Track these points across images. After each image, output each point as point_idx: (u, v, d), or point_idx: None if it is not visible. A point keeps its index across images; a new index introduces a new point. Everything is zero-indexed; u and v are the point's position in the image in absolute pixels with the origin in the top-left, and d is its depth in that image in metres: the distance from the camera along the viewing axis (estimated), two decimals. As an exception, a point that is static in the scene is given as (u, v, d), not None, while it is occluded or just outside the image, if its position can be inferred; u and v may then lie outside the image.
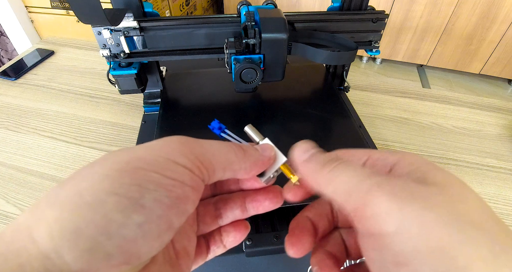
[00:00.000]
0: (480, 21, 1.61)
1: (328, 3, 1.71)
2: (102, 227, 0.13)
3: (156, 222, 0.15)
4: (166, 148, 0.17)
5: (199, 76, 0.59)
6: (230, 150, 0.19)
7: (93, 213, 0.14)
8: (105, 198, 0.14)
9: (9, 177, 0.52)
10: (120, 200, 0.14)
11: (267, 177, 0.21)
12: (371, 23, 0.49)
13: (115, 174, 0.15)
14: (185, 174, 0.16)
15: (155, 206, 0.15)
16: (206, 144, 0.18)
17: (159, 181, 0.15)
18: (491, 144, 0.60)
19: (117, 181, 0.15)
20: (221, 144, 0.19)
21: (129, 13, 0.43)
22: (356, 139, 0.46)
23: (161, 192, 0.15)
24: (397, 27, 1.74)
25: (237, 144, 0.20)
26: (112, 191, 0.14)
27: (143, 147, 0.17)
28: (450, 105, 0.68)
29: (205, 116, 0.50)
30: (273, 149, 0.21)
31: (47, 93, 0.69)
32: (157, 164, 0.16)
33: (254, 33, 0.41)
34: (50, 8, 1.42)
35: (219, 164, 0.18)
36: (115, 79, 0.49)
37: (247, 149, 0.20)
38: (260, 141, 0.22)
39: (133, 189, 0.14)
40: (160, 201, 0.15)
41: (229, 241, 0.22)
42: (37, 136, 0.59)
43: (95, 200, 0.14)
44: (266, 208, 0.22)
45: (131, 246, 0.14)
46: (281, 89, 0.55)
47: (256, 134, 0.22)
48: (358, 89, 0.71)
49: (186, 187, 0.16)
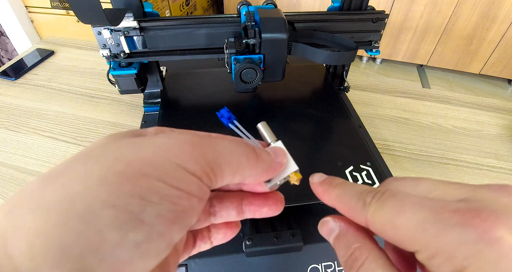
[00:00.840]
0: (480, 21, 1.61)
1: (328, 3, 1.71)
2: (94, 245, 0.11)
3: (156, 240, 0.13)
4: (176, 149, 0.14)
5: (199, 76, 0.59)
6: (243, 153, 0.16)
7: (85, 227, 0.11)
8: (101, 209, 0.12)
9: (9, 177, 0.52)
10: (117, 214, 0.12)
11: (273, 184, 0.19)
12: (371, 23, 0.49)
13: (114, 179, 0.13)
14: (193, 183, 0.14)
15: (157, 222, 0.13)
16: (219, 145, 0.16)
17: (164, 192, 0.13)
18: (491, 144, 0.60)
19: (116, 189, 0.12)
20: (234, 145, 0.16)
21: (129, 13, 0.43)
22: (356, 139, 0.46)
23: (165, 205, 0.13)
24: (397, 27, 1.74)
25: (250, 145, 0.18)
26: (110, 202, 0.12)
27: (150, 143, 0.15)
28: (450, 105, 0.68)
29: (205, 116, 0.50)
30: (286, 155, 0.19)
31: (47, 93, 0.69)
32: (163, 169, 0.14)
33: (254, 33, 0.41)
34: (50, 8, 1.42)
35: (230, 170, 0.16)
36: (115, 79, 0.49)
37: (260, 153, 0.18)
38: (273, 142, 0.20)
39: (134, 202, 0.12)
40: (163, 216, 0.13)
41: (218, 238, 0.21)
42: (37, 136, 0.59)
43: (89, 211, 0.12)
44: (263, 215, 0.20)
45: (126, 268, 0.12)
46: (281, 89, 0.55)
47: (269, 134, 0.20)
48: (358, 89, 0.71)
49: (193, 198, 0.14)
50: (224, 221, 0.20)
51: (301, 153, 0.44)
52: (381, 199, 0.15)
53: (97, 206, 0.12)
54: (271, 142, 0.20)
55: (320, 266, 0.37)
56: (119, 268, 0.12)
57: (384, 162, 0.46)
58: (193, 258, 0.36)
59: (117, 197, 0.12)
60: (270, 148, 0.20)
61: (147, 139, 0.15)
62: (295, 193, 0.36)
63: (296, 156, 0.20)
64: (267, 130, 0.20)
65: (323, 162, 0.43)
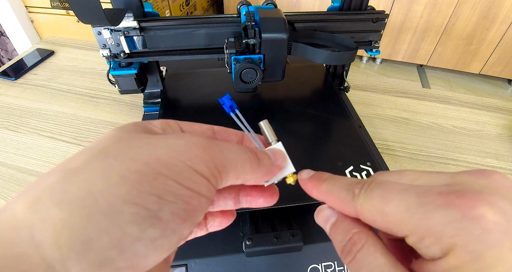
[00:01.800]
0: (480, 21, 1.61)
1: (328, 3, 1.71)
2: (115, 239, 0.12)
3: (170, 236, 0.14)
4: (188, 152, 0.15)
5: (199, 76, 0.59)
6: (247, 159, 0.18)
7: (107, 223, 0.12)
8: (122, 206, 0.13)
9: (9, 177, 0.52)
10: (138, 211, 0.13)
11: (270, 183, 0.20)
12: (371, 23, 0.49)
13: (134, 178, 0.13)
14: (203, 184, 0.15)
15: (171, 220, 0.14)
16: (226, 150, 0.17)
17: (178, 192, 0.14)
18: (491, 144, 0.60)
19: (136, 187, 0.13)
20: (239, 151, 0.18)
21: (129, 13, 0.43)
22: (356, 139, 0.46)
23: (179, 204, 0.14)
24: (397, 27, 1.74)
25: (253, 151, 0.18)
26: (130, 200, 0.13)
27: (164, 144, 0.15)
28: (450, 105, 0.68)
29: (205, 116, 0.50)
30: (285, 158, 0.20)
31: (47, 93, 0.69)
32: (177, 170, 0.14)
33: (254, 33, 0.41)
34: (50, 8, 1.42)
35: (234, 173, 0.17)
36: (115, 79, 0.49)
37: (262, 158, 0.19)
38: (273, 142, 0.21)
39: (152, 200, 0.13)
40: (177, 214, 0.14)
41: (214, 225, 0.22)
42: (37, 136, 0.59)
43: (111, 208, 0.12)
44: (259, 205, 0.21)
45: (141, 261, 0.13)
46: (281, 89, 0.55)
47: (270, 134, 0.21)
48: (358, 89, 0.71)
49: (202, 198, 0.15)
50: (221, 210, 0.21)
51: (301, 152, 0.44)
52: (369, 188, 0.16)
53: (119, 203, 0.13)
54: (271, 142, 0.21)
55: (320, 266, 0.37)
56: (135, 260, 0.13)
57: (384, 162, 0.46)
58: (193, 258, 0.36)
59: (137, 195, 0.13)
60: (270, 150, 0.20)
61: (160, 139, 0.16)
62: (295, 193, 0.36)
63: (296, 156, 0.20)
64: (269, 129, 0.21)
65: (323, 162, 0.43)
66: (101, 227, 0.12)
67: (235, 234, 0.38)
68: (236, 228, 0.38)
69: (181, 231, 0.14)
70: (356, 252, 0.15)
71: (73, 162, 0.14)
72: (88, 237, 0.12)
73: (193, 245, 0.37)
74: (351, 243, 0.16)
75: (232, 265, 0.36)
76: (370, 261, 0.15)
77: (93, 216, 0.12)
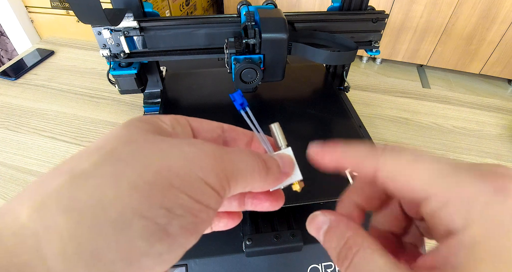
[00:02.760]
0: (480, 21, 1.61)
1: (328, 3, 1.71)
2: (123, 252, 0.12)
3: (176, 250, 0.14)
4: (199, 161, 0.15)
5: (199, 76, 0.59)
6: (256, 168, 0.17)
7: (117, 235, 0.12)
8: (132, 219, 0.12)
9: (9, 177, 0.52)
10: (147, 225, 0.12)
11: (277, 188, 0.20)
12: (371, 23, 0.49)
13: (145, 188, 0.13)
14: (212, 197, 0.15)
15: (179, 234, 0.13)
16: (237, 158, 0.17)
17: (187, 205, 0.14)
18: (491, 144, 0.60)
19: (147, 200, 0.13)
20: (250, 160, 0.17)
21: (129, 13, 0.43)
22: (356, 139, 0.46)
23: (187, 218, 0.14)
24: (397, 27, 1.74)
25: (262, 159, 0.18)
26: (140, 212, 0.12)
27: (176, 150, 0.15)
28: (450, 105, 0.68)
29: (205, 117, 0.50)
30: (293, 165, 0.20)
31: (47, 93, 0.69)
32: (189, 182, 0.14)
33: (254, 33, 0.41)
34: (50, 8, 1.42)
35: (243, 183, 0.17)
36: (115, 79, 0.49)
37: (271, 167, 0.18)
38: (283, 147, 0.20)
39: (162, 214, 0.13)
40: (185, 228, 0.14)
41: (219, 226, 0.21)
42: (37, 136, 0.59)
43: (121, 220, 0.12)
44: (264, 208, 0.21)
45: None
46: (281, 89, 0.55)
47: (281, 138, 0.20)
48: (358, 89, 0.71)
49: (210, 211, 0.15)
50: (225, 211, 0.21)
51: (301, 153, 0.43)
52: (397, 148, 0.16)
53: (129, 215, 0.12)
54: (281, 146, 0.20)
55: (320, 266, 0.37)
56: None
57: (384, 162, 0.46)
58: (193, 258, 0.36)
59: (147, 208, 0.13)
60: (279, 156, 0.20)
61: (172, 145, 0.15)
62: (295, 193, 0.36)
63: (295, 156, 0.20)
64: (280, 133, 0.20)
65: (323, 162, 0.42)
66: (110, 239, 0.12)
67: (235, 234, 0.38)
68: (236, 228, 0.38)
69: (187, 244, 0.14)
70: (353, 256, 0.15)
71: (81, 164, 0.13)
72: (97, 250, 0.11)
73: (193, 245, 0.37)
74: (346, 248, 0.16)
75: (232, 265, 0.36)
76: (369, 264, 0.14)
77: (102, 227, 0.12)
